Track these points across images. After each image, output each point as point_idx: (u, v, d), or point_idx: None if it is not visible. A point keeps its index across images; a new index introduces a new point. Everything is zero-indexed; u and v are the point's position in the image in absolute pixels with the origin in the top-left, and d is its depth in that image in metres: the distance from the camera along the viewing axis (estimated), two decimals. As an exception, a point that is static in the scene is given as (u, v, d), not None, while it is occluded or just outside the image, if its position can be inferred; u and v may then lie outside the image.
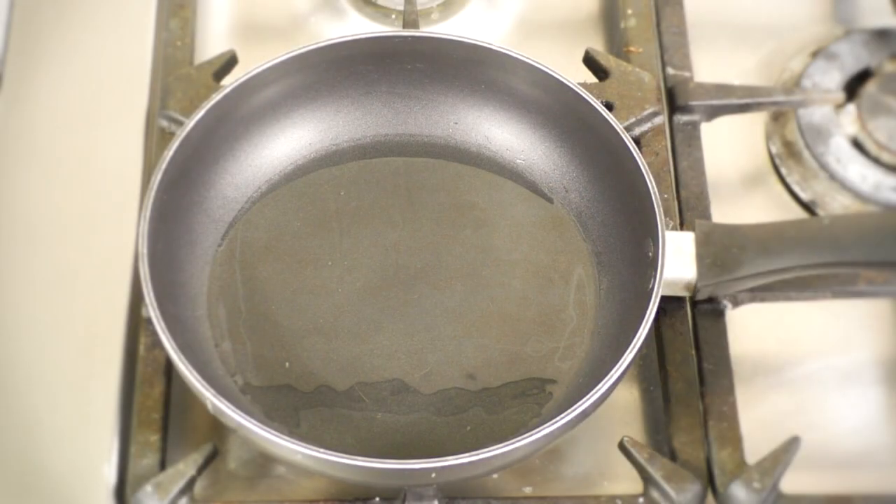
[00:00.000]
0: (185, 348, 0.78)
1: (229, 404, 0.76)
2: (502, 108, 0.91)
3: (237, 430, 0.77)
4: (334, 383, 0.84)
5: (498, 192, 0.91)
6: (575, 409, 0.76)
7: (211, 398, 0.76)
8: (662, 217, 0.82)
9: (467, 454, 0.75)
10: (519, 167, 0.91)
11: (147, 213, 0.81)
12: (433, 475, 0.76)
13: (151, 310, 0.78)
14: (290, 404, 0.83)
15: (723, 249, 0.82)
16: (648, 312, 0.79)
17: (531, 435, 0.75)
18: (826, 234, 0.81)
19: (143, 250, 0.80)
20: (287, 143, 0.91)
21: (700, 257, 0.82)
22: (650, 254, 0.82)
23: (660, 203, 0.82)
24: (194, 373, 0.77)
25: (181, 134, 0.84)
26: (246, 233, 0.89)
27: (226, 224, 0.89)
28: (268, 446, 0.76)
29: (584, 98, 0.87)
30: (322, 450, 0.75)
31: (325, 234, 0.89)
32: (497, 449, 0.75)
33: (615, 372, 0.77)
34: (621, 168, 0.85)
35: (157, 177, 0.82)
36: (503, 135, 0.92)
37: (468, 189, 0.91)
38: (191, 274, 0.86)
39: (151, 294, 0.79)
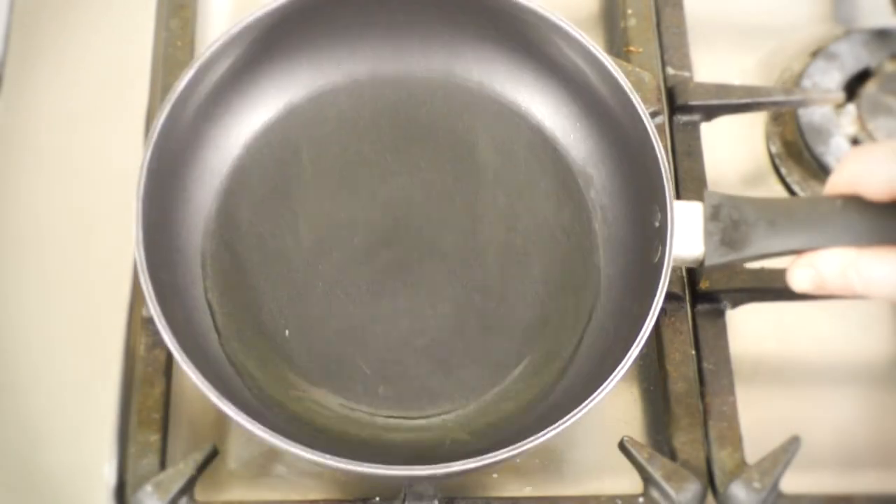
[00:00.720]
0: (183, 322, 0.77)
1: (233, 405, 0.75)
2: (506, 49, 0.89)
3: (242, 427, 0.76)
4: (334, 353, 0.83)
5: (500, 133, 0.89)
6: (586, 406, 0.75)
7: (214, 399, 0.75)
8: (671, 186, 0.80)
9: (472, 460, 0.74)
10: (521, 109, 0.89)
11: (143, 173, 0.79)
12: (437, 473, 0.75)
13: (144, 283, 0.76)
14: (287, 379, 0.82)
15: (731, 226, 0.79)
16: (660, 285, 0.77)
17: (540, 437, 0.74)
18: (838, 217, 0.78)
19: (139, 213, 0.77)
20: (282, 80, 0.88)
21: (708, 233, 0.80)
22: (657, 223, 0.81)
23: (668, 169, 0.80)
24: (198, 373, 0.75)
25: (176, 88, 0.81)
26: (240, 183, 0.87)
27: (221, 175, 0.87)
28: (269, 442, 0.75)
29: (596, 57, 0.84)
30: (329, 456, 0.74)
31: (322, 182, 0.87)
32: (503, 454, 0.74)
33: (626, 361, 0.76)
34: (628, 130, 0.84)
35: (154, 136, 0.80)
36: (504, 78, 0.90)
37: (468, 130, 0.89)
38: (187, 237, 0.84)
39: (144, 266, 0.76)
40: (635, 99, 0.83)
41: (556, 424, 0.75)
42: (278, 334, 0.83)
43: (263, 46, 0.86)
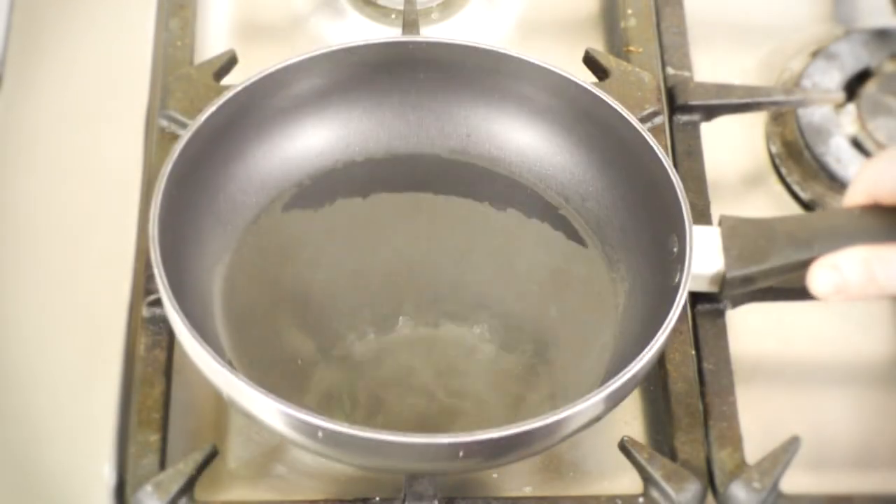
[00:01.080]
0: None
1: (245, 379, 0.74)
2: (516, 118, 0.90)
3: (251, 415, 0.75)
4: (348, 380, 0.83)
5: (512, 204, 0.90)
6: (607, 388, 0.75)
7: (227, 374, 0.74)
8: (689, 209, 0.80)
9: (496, 429, 0.72)
10: (533, 179, 0.91)
11: (157, 208, 0.79)
12: (461, 453, 0.73)
13: (159, 277, 0.76)
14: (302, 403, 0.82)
15: (750, 241, 0.80)
16: (678, 301, 0.77)
17: (562, 412, 0.73)
18: (857, 223, 0.78)
19: (155, 236, 0.78)
20: (297, 151, 0.89)
21: (727, 249, 0.80)
22: (675, 249, 0.81)
23: (685, 196, 0.81)
24: (207, 347, 0.74)
25: (190, 130, 0.82)
26: (255, 240, 0.87)
27: (235, 229, 0.87)
28: (284, 425, 0.74)
29: (602, 99, 0.86)
30: (347, 425, 0.72)
31: (337, 247, 0.88)
32: (524, 426, 0.73)
33: (646, 353, 0.76)
34: (642, 166, 0.84)
35: (167, 168, 0.80)
36: (517, 146, 0.91)
37: (483, 201, 0.90)
38: (198, 276, 0.84)
39: (164, 279, 0.76)
40: (648, 136, 0.84)
41: (586, 398, 0.74)
42: (291, 368, 0.83)
43: (282, 113, 0.88)
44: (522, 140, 0.91)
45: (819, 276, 0.76)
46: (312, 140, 0.90)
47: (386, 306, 0.86)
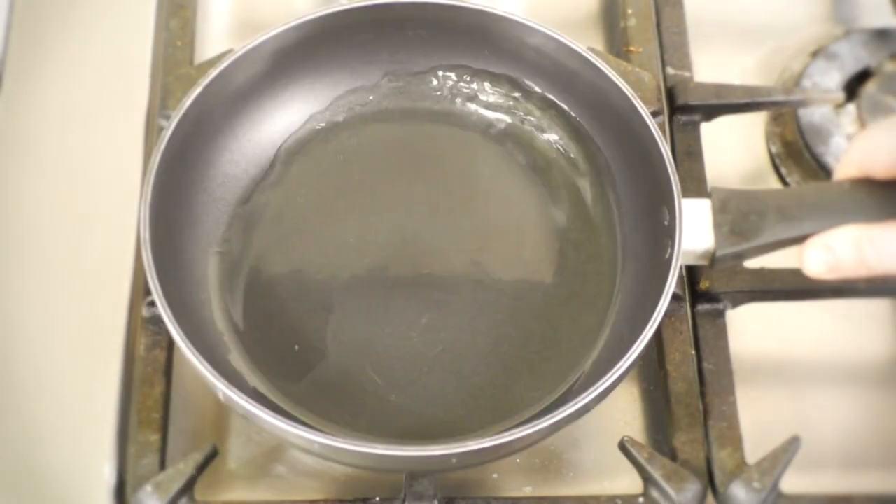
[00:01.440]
0: (191, 334, 0.77)
1: (241, 395, 0.75)
2: (508, 77, 0.90)
3: (248, 418, 0.76)
4: (345, 365, 0.83)
5: (504, 161, 0.90)
6: (597, 388, 0.75)
7: (223, 388, 0.75)
8: (678, 183, 0.80)
9: (488, 439, 0.74)
10: (525, 137, 0.91)
11: (147, 196, 0.80)
12: (454, 460, 0.75)
13: (156, 296, 0.77)
14: (299, 389, 0.82)
15: (741, 216, 0.79)
16: (669, 282, 0.77)
17: (552, 417, 0.74)
18: (848, 199, 0.78)
19: (146, 235, 0.78)
20: (286, 116, 0.90)
21: (717, 225, 0.80)
22: (666, 222, 0.81)
23: (674, 169, 0.81)
24: (203, 361, 0.76)
25: (178, 112, 0.83)
26: (248, 211, 0.88)
27: (227, 203, 0.87)
28: (281, 434, 0.75)
29: (594, 64, 0.85)
30: (341, 439, 0.74)
31: (329, 209, 0.88)
32: (519, 431, 0.74)
33: (638, 345, 0.76)
34: (632, 134, 0.84)
35: (157, 157, 0.81)
36: (507, 103, 0.91)
37: (473, 159, 0.90)
38: (193, 256, 0.85)
39: (156, 279, 0.77)
40: (638, 103, 0.83)
41: (574, 402, 0.74)
42: (287, 349, 0.84)
43: (270, 80, 0.88)
44: (513, 96, 0.91)
45: (812, 256, 0.76)
46: (301, 104, 0.90)
47: (380, 280, 0.86)
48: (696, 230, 0.80)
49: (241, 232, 0.87)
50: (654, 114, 0.92)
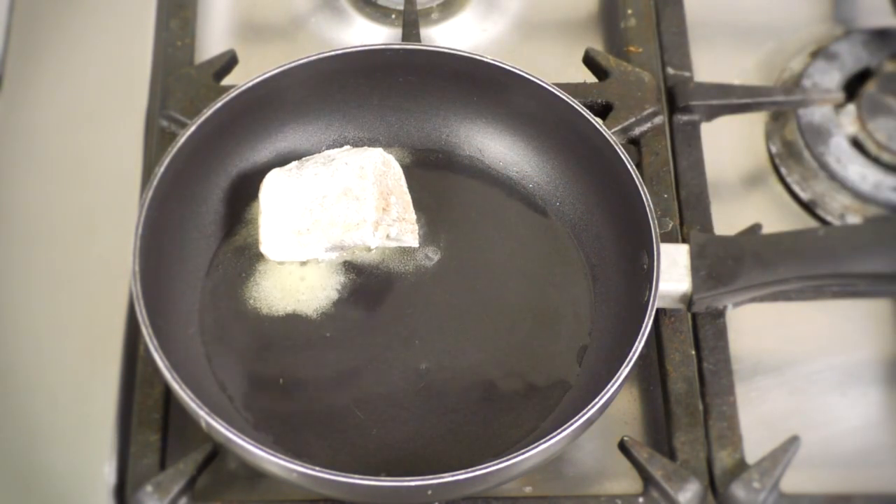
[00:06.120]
0: (177, 366, 0.78)
1: (224, 423, 0.76)
2: (495, 121, 0.91)
3: (230, 447, 0.77)
4: (328, 399, 0.84)
5: (491, 203, 0.90)
6: (571, 425, 0.76)
7: (205, 416, 0.76)
8: (657, 230, 0.82)
9: (463, 471, 0.74)
10: (512, 179, 0.91)
11: (139, 229, 0.81)
12: (429, 492, 0.75)
13: (144, 328, 0.78)
14: (284, 421, 0.83)
15: (718, 262, 0.82)
16: (644, 325, 0.79)
17: (527, 451, 0.75)
18: (822, 246, 0.82)
19: (136, 268, 0.79)
20: (278, 157, 0.90)
21: (695, 269, 0.82)
22: (645, 266, 0.82)
23: (654, 216, 0.82)
24: (188, 391, 0.77)
25: (171, 150, 0.84)
26: (237, 248, 0.88)
27: (217, 239, 0.88)
28: (262, 464, 0.76)
29: (577, 110, 0.87)
30: (317, 468, 0.75)
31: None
32: (494, 465, 0.75)
33: (611, 386, 0.77)
34: (615, 180, 0.85)
35: (149, 193, 0.82)
36: (496, 147, 0.91)
37: (461, 201, 0.91)
38: (182, 291, 0.85)
39: (144, 313, 0.78)
40: (623, 153, 0.84)
41: (547, 439, 0.76)
42: (272, 382, 0.84)
43: (262, 122, 0.89)
44: (501, 141, 0.91)
45: None
46: (293, 146, 0.91)
47: (364, 316, 0.86)
48: (673, 274, 0.82)
49: (229, 268, 0.87)
50: (654, 114, 0.92)
